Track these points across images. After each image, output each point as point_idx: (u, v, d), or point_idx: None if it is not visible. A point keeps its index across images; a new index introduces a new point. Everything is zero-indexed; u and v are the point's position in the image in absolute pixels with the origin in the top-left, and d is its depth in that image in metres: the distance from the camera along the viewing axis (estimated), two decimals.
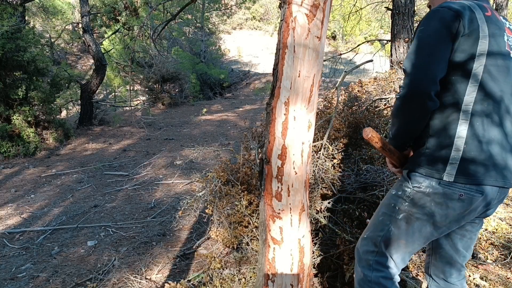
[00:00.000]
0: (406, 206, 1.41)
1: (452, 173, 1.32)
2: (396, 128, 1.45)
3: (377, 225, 1.50)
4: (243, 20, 24.78)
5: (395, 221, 1.44)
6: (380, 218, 1.50)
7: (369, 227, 1.55)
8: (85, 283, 2.72)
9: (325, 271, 2.39)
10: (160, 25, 4.27)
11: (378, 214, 1.52)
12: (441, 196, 1.34)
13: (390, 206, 1.47)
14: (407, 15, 5.35)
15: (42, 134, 7.28)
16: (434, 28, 1.34)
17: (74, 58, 18.21)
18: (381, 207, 1.52)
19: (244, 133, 3.18)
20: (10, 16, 6.40)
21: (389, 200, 1.49)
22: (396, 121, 1.45)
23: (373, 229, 1.52)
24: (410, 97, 1.34)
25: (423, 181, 1.37)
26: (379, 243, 1.47)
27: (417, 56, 1.33)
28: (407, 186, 1.42)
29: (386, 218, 1.47)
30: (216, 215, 2.74)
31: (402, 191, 1.44)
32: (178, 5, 11.59)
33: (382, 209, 1.51)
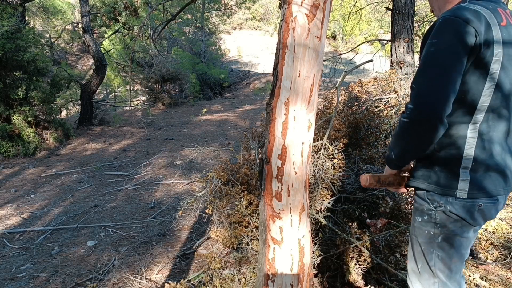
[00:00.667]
0: (439, 227, 1.38)
1: (465, 189, 1.31)
2: (401, 150, 1.37)
3: (423, 257, 1.45)
4: (243, 20, 24.79)
5: (437, 245, 1.40)
6: (423, 248, 1.45)
7: (414, 263, 1.50)
8: (85, 283, 2.72)
9: (325, 271, 2.39)
10: (160, 25, 4.27)
11: (416, 245, 1.47)
12: (461, 211, 1.33)
13: (425, 233, 1.42)
14: (407, 15, 5.34)
15: (42, 134, 7.28)
16: (448, 43, 1.22)
17: (74, 58, 18.21)
18: (415, 238, 1.47)
19: (244, 133, 3.18)
20: (10, 16, 6.40)
21: (420, 229, 1.44)
22: (401, 143, 1.35)
23: (422, 262, 1.46)
24: (420, 121, 1.24)
25: (440, 199, 1.35)
26: (435, 273, 1.43)
27: (430, 75, 1.23)
28: (429, 209, 1.38)
29: (427, 246, 1.43)
30: (216, 215, 2.74)
31: (427, 215, 1.40)
32: (178, 5, 11.58)
33: (418, 240, 1.46)
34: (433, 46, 1.24)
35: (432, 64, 1.24)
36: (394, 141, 1.39)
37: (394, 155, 1.40)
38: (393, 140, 1.39)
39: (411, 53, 5.46)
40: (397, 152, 1.38)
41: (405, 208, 2.54)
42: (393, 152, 1.40)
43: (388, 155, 1.44)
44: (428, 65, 1.25)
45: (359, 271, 2.32)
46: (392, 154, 1.40)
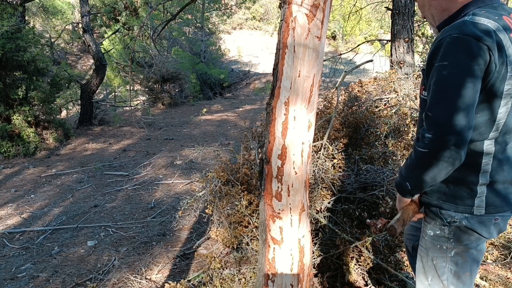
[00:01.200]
0: (452, 242, 1.36)
1: (482, 206, 1.29)
2: (419, 181, 1.28)
3: (434, 271, 1.42)
4: (243, 20, 24.79)
5: (450, 259, 1.38)
6: (433, 263, 1.42)
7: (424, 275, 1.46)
8: (85, 283, 2.72)
9: (325, 271, 2.39)
10: (160, 25, 4.27)
11: (427, 259, 1.44)
12: (478, 226, 1.31)
13: (437, 248, 1.40)
14: (407, 15, 5.34)
15: (42, 134, 7.28)
16: (461, 65, 1.15)
17: (74, 58, 18.21)
18: (427, 252, 1.43)
19: (244, 133, 3.18)
20: (10, 16, 6.40)
21: (432, 243, 1.41)
22: (418, 173, 1.27)
23: (432, 276, 1.43)
24: (442, 151, 1.17)
25: (455, 215, 1.33)
26: (448, 286, 1.40)
27: (447, 101, 1.16)
28: (443, 224, 1.35)
29: (439, 260, 1.40)
30: (216, 215, 2.74)
31: (440, 230, 1.37)
32: (178, 5, 11.58)
33: (430, 253, 1.42)
34: (445, 69, 1.17)
35: (448, 89, 1.16)
36: (409, 172, 1.31)
37: (410, 186, 1.33)
38: (408, 171, 1.31)
39: (411, 53, 5.46)
40: (414, 183, 1.31)
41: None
42: (408, 183, 1.32)
43: (402, 185, 1.36)
44: (443, 91, 1.17)
45: (359, 271, 2.32)
46: (408, 185, 1.33)
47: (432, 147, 1.18)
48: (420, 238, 1.48)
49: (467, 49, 1.15)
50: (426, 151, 1.20)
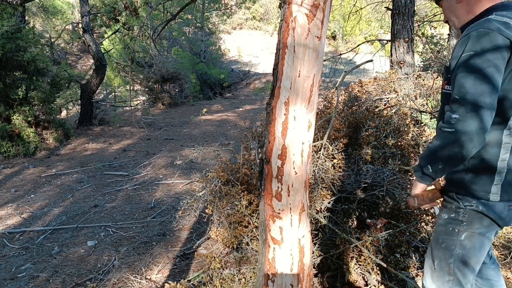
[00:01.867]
0: (465, 225, 1.43)
1: (498, 193, 1.37)
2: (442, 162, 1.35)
3: (442, 253, 1.50)
4: (243, 20, 24.78)
5: (459, 242, 1.45)
6: (442, 246, 1.49)
7: (431, 260, 1.54)
8: (85, 283, 2.72)
9: (325, 271, 2.39)
10: (160, 25, 4.27)
11: (438, 243, 1.51)
12: (492, 212, 1.38)
13: (449, 230, 1.47)
14: (407, 15, 5.34)
15: (42, 134, 7.28)
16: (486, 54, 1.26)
17: (74, 58, 18.21)
18: (438, 235, 1.52)
19: (244, 133, 3.18)
20: (10, 16, 6.40)
21: (444, 226, 1.49)
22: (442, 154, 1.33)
23: (439, 259, 1.50)
24: (468, 131, 1.24)
25: (471, 199, 1.40)
26: (453, 270, 1.47)
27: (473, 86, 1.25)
28: (459, 207, 1.43)
29: (449, 243, 1.47)
30: (216, 215, 2.74)
31: (455, 213, 1.44)
32: (178, 5, 11.58)
33: (441, 237, 1.50)
34: (471, 58, 1.27)
35: (475, 75, 1.25)
36: (432, 154, 1.36)
37: (431, 169, 1.38)
38: (431, 153, 1.37)
39: (411, 53, 5.46)
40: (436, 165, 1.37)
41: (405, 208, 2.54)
42: (430, 165, 1.38)
43: (422, 169, 1.42)
44: (470, 76, 1.26)
45: (359, 271, 2.32)
46: (429, 168, 1.39)
47: (458, 126, 1.26)
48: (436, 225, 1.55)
49: (492, 41, 1.26)
50: (452, 130, 1.27)
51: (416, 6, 7.95)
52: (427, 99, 3.78)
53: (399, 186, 2.59)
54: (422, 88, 4.05)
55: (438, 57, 6.53)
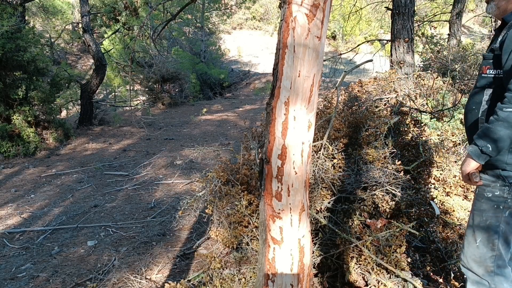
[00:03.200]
0: (510, 202, 1.52)
1: None
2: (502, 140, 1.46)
3: (486, 231, 1.57)
4: (243, 20, 24.77)
5: (504, 219, 1.54)
6: (487, 223, 1.57)
7: (473, 237, 1.61)
8: (85, 283, 2.72)
9: (325, 271, 2.39)
10: (160, 25, 4.26)
11: (482, 219, 1.58)
12: None
13: (493, 208, 1.55)
14: (407, 15, 5.34)
15: (42, 134, 7.28)
16: None
17: (74, 58, 18.20)
18: (481, 214, 1.59)
19: (244, 133, 3.18)
20: (10, 16, 6.40)
21: (488, 204, 1.56)
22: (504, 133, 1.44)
23: (482, 236, 1.58)
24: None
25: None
26: (497, 245, 1.55)
27: None
28: (504, 185, 1.53)
29: (494, 220, 1.55)
30: (216, 215, 2.74)
31: (500, 191, 1.54)
32: (178, 5, 11.58)
33: (485, 215, 1.57)
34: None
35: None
36: (492, 132, 1.46)
37: (491, 147, 1.48)
38: (491, 132, 1.46)
39: (411, 53, 5.46)
40: (496, 143, 1.47)
41: (405, 208, 2.54)
42: (490, 144, 1.48)
43: (481, 149, 1.51)
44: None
45: (359, 271, 2.32)
46: (489, 147, 1.48)
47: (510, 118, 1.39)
48: (475, 203, 1.62)
49: None
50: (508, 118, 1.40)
51: (416, 6, 7.95)
52: (427, 99, 3.79)
53: (399, 186, 2.59)
54: (422, 88, 4.06)
55: (438, 57, 6.53)
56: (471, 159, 1.56)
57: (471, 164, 1.57)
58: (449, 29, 8.34)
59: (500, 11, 1.61)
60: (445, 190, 2.97)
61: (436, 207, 2.68)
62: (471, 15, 15.77)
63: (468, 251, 1.64)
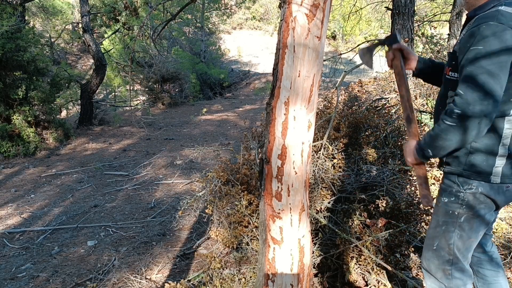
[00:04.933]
0: (464, 208, 1.51)
1: (499, 175, 1.45)
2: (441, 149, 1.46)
3: (442, 235, 1.58)
4: (243, 20, 24.77)
5: (459, 224, 1.53)
6: (442, 228, 1.57)
7: (432, 241, 1.62)
8: (85, 283, 2.72)
9: (325, 271, 2.39)
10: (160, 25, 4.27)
11: (438, 225, 1.59)
12: (492, 193, 1.47)
13: (449, 213, 1.54)
14: (407, 15, 5.34)
15: (42, 134, 7.28)
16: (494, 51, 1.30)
17: (74, 58, 18.20)
18: (438, 218, 1.59)
19: (244, 133, 3.18)
20: (10, 16, 6.40)
21: (444, 209, 1.56)
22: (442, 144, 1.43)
23: (439, 240, 1.59)
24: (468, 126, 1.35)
25: (472, 182, 1.48)
26: (452, 250, 1.56)
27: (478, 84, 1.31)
28: (459, 191, 1.51)
29: (450, 225, 1.55)
30: (216, 215, 2.74)
31: (455, 197, 1.52)
32: (178, 5, 11.58)
33: (441, 219, 1.58)
34: (479, 54, 1.32)
35: (480, 74, 1.31)
36: (433, 141, 1.47)
37: (431, 153, 1.50)
38: (432, 140, 1.47)
39: None
40: (435, 150, 1.48)
41: (405, 208, 2.54)
42: (430, 150, 1.49)
43: (423, 151, 1.53)
44: (476, 75, 1.32)
45: (359, 271, 2.32)
46: (429, 152, 1.50)
47: (459, 122, 1.35)
48: (435, 206, 1.63)
49: (501, 38, 1.29)
50: (453, 125, 1.37)
51: (416, 6, 7.95)
52: (427, 99, 3.79)
53: (399, 186, 2.59)
54: (422, 88, 4.05)
55: (438, 57, 6.53)
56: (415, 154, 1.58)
57: (417, 160, 1.59)
58: (449, 29, 8.34)
59: (469, 5, 1.52)
60: None
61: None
62: None
63: (427, 254, 1.65)
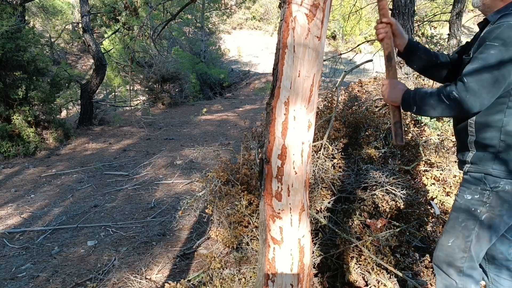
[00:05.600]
0: (487, 206, 1.51)
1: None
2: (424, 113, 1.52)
3: (459, 232, 1.57)
4: (243, 20, 24.75)
5: (480, 223, 1.53)
6: (462, 225, 1.57)
7: (447, 237, 1.62)
8: (85, 283, 2.72)
9: (325, 271, 2.39)
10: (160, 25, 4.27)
11: (457, 222, 1.59)
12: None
13: (471, 211, 1.54)
14: (407, 15, 5.34)
15: (42, 134, 7.28)
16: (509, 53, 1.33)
17: (74, 58, 18.20)
18: (458, 215, 1.59)
19: (244, 133, 3.18)
20: (10, 16, 6.40)
21: (466, 206, 1.56)
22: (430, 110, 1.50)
23: (456, 237, 1.59)
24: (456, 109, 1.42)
25: (500, 180, 1.48)
26: (469, 248, 1.55)
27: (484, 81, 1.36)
28: (485, 189, 1.51)
29: (470, 222, 1.55)
30: (216, 215, 2.74)
31: (480, 194, 1.52)
32: (178, 5, 11.58)
33: (461, 216, 1.57)
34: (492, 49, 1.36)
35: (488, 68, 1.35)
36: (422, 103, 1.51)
37: (415, 109, 1.54)
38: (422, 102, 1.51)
39: None
40: (419, 111, 1.54)
41: (405, 208, 2.54)
42: (416, 107, 1.54)
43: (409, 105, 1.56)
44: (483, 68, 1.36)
45: (359, 271, 2.32)
46: (414, 108, 1.54)
47: (452, 103, 1.42)
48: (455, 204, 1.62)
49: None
50: (446, 103, 1.44)
51: (416, 6, 7.95)
52: None
53: (399, 186, 2.59)
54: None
55: None
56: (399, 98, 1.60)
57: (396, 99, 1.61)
58: (449, 29, 8.34)
59: (485, 6, 1.54)
60: (445, 190, 2.97)
61: (436, 207, 2.68)
62: (471, 15, 15.78)
63: (440, 250, 1.65)
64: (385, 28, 1.76)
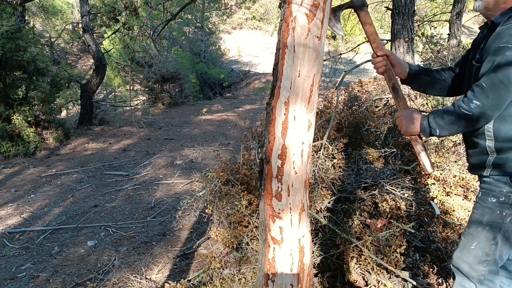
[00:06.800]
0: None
1: None
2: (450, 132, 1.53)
3: (484, 235, 1.55)
4: (243, 20, 24.75)
5: (504, 225, 1.51)
6: (486, 228, 1.54)
7: (470, 240, 1.59)
8: (85, 283, 2.72)
9: (325, 271, 2.39)
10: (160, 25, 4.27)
11: (481, 225, 1.56)
12: None
13: (495, 213, 1.52)
14: (407, 15, 5.34)
15: (42, 134, 7.28)
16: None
17: (74, 58, 18.20)
18: (482, 218, 1.56)
19: (244, 133, 3.18)
20: (9, 16, 6.40)
21: (491, 209, 1.54)
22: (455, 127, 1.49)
23: (479, 240, 1.56)
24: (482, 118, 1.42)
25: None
26: (493, 251, 1.53)
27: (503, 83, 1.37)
28: (510, 191, 1.50)
29: (495, 226, 1.53)
30: (216, 215, 2.74)
31: (505, 197, 1.51)
32: (178, 5, 11.57)
33: (486, 219, 1.55)
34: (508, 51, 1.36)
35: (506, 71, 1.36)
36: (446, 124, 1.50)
37: (438, 132, 1.53)
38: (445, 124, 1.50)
39: (411, 53, 5.45)
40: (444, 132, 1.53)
41: (405, 208, 2.54)
42: (439, 130, 1.52)
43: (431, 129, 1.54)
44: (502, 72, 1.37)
45: (359, 271, 2.32)
46: (437, 131, 1.53)
47: (476, 112, 1.41)
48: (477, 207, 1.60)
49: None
50: (469, 114, 1.42)
51: (416, 6, 7.95)
52: (427, 99, 3.78)
53: (399, 186, 2.59)
54: None
55: (438, 57, 6.53)
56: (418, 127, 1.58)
57: (415, 129, 1.59)
58: (449, 29, 8.34)
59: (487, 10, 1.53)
60: (445, 190, 2.97)
61: (436, 207, 2.68)
62: (471, 15, 15.77)
63: (462, 253, 1.62)
64: (382, 62, 1.75)
